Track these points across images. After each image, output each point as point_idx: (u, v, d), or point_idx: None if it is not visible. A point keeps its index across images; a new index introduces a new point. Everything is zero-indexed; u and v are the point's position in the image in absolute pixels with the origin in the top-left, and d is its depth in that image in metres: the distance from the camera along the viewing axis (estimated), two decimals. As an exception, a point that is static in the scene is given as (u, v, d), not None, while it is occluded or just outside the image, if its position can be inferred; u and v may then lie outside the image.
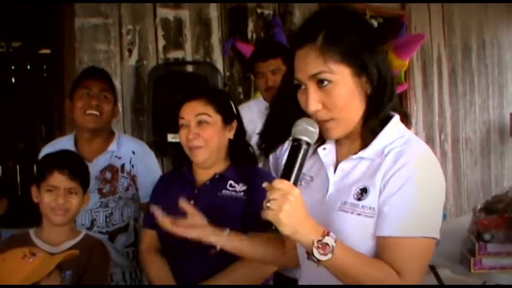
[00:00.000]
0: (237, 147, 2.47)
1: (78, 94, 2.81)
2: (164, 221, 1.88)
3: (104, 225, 2.82)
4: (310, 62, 1.55)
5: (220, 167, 2.44)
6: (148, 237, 2.53)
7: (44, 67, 8.37)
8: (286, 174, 1.49)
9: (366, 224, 1.54)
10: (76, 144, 2.89)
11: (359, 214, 1.55)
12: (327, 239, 1.43)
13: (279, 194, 1.42)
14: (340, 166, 1.66)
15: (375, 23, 5.58)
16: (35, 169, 2.52)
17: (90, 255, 2.35)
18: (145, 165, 2.92)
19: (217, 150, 2.39)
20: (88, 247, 2.38)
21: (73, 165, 2.39)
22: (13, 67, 8.77)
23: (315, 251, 1.43)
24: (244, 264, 2.29)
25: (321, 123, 1.57)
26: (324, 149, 1.72)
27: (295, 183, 1.48)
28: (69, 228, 2.41)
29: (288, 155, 1.53)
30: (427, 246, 1.52)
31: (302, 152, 1.51)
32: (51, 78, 5.84)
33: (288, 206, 1.40)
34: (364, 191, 1.56)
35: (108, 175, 2.84)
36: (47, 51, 7.25)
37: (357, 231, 1.55)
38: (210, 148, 2.35)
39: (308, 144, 1.52)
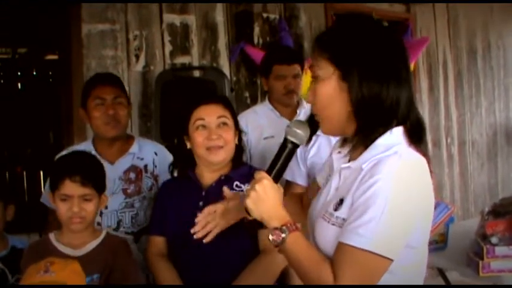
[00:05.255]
0: (240, 152, 2.56)
1: (92, 104, 2.82)
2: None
3: (130, 226, 2.84)
4: (312, 57, 1.66)
5: (224, 169, 2.50)
6: (157, 243, 2.57)
7: (50, 73, 8.39)
8: (269, 169, 1.67)
9: (338, 234, 1.55)
10: (96, 148, 2.91)
11: (333, 224, 1.59)
12: (282, 229, 1.56)
13: (252, 183, 1.62)
14: (342, 173, 1.68)
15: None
16: (42, 175, 2.53)
17: (114, 255, 2.35)
18: (166, 166, 2.94)
19: (232, 152, 2.48)
20: (111, 247, 2.38)
21: (85, 169, 2.35)
22: (19, 73, 8.79)
23: (270, 236, 1.57)
24: (258, 263, 2.37)
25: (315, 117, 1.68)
26: (339, 152, 1.76)
27: (275, 178, 1.66)
28: (90, 230, 2.41)
29: (277, 151, 1.68)
30: (374, 265, 1.48)
31: (286, 150, 1.67)
32: (57, 84, 5.87)
33: (253, 194, 1.59)
34: (341, 201, 1.59)
35: (132, 175, 2.88)
36: (53, 57, 7.28)
37: (331, 239, 1.57)
38: (228, 149, 2.44)
39: (294, 144, 1.67)
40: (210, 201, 2.39)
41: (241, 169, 2.50)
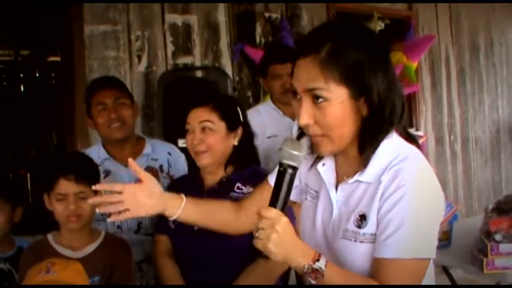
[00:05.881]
0: (242, 152, 2.51)
1: (96, 111, 2.82)
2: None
3: (150, 227, 2.83)
4: (309, 75, 1.51)
5: (226, 170, 2.49)
6: (161, 241, 2.58)
7: (53, 75, 8.40)
8: (274, 201, 1.51)
9: (370, 250, 1.54)
10: (108, 152, 2.91)
11: (362, 242, 1.55)
12: (316, 264, 1.46)
13: (266, 224, 1.45)
14: (340, 187, 1.65)
15: (382, 25, 5.58)
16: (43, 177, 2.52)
17: (114, 256, 2.37)
18: (181, 165, 2.98)
19: (221, 155, 2.45)
20: (111, 248, 2.40)
21: (78, 167, 2.37)
22: (22, 75, 8.80)
23: (307, 278, 1.46)
24: (256, 268, 2.35)
25: (312, 138, 1.58)
26: (323, 164, 1.70)
27: (283, 209, 1.50)
28: (88, 230, 2.42)
29: (275, 181, 1.54)
30: (420, 267, 1.51)
31: (288, 177, 1.52)
32: (60, 85, 5.88)
33: (275, 236, 1.44)
34: (363, 217, 1.56)
35: None
36: (56, 59, 7.29)
37: (361, 257, 1.56)
38: (213, 153, 2.42)
39: (294, 167, 1.52)
40: None
41: (245, 170, 2.48)
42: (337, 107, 1.50)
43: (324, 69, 1.49)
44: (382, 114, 1.53)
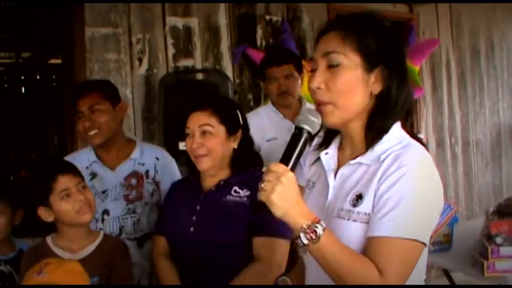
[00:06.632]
0: (241, 156, 2.52)
1: (76, 119, 2.82)
2: None
3: (132, 232, 2.84)
4: (329, 42, 1.61)
5: (225, 174, 2.50)
6: (159, 242, 2.60)
7: (53, 77, 8.42)
8: (284, 159, 1.52)
9: (362, 230, 1.55)
10: (96, 154, 2.90)
11: (354, 220, 1.57)
12: (315, 226, 1.45)
13: (273, 176, 1.46)
14: (340, 171, 1.68)
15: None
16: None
17: (113, 257, 2.38)
18: (169, 171, 2.95)
19: (221, 158, 2.45)
20: (110, 248, 2.41)
21: (69, 165, 2.44)
22: (23, 77, 8.82)
23: (301, 235, 1.46)
24: (250, 271, 2.35)
25: (319, 106, 1.61)
26: (327, 153, 1.74)
27: (292, 169, 1.51)
28: (87, 232, 2.43)
29: (289, 142, 1.56)
30: (413, 250, 1.51)
31: (302, 139, 1.54)
32: (61, 88, 5.89)
33: (280, 188, 1.44)
34: (359, 197, 1.58)
35: (133, 181, 2.86)
36: (57, 61, 7.30)
37: (353, 237, 1.56)
38: (213, 157, 2.42)
39: (309, 133, 1.56)
40: (207, 205, 2.46)
41: (243, 174, 2.48)
42: (350, 73, 1.58)
43: (345, 39, 1.59)
44: (392, 98, 1.60)
